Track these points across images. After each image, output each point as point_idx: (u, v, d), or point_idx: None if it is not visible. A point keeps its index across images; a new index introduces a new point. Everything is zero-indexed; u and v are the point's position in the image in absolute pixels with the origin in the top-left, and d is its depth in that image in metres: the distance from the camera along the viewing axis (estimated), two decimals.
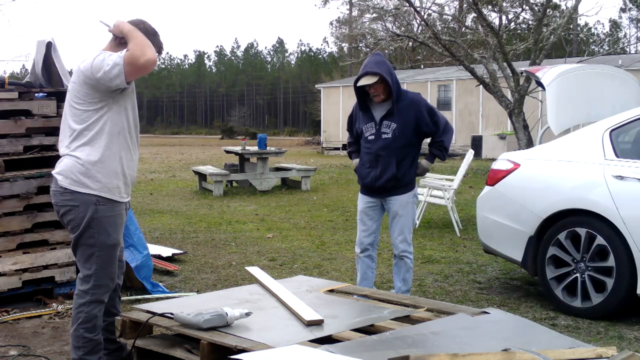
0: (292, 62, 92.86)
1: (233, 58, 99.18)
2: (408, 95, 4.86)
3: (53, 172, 3.53)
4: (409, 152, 4.85)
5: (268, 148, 13.22)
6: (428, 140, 5.05)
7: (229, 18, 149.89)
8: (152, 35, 3.51)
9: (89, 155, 3.41)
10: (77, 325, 3.50)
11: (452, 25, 21.82)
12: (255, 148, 13.16)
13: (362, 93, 4.86)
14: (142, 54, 3.26)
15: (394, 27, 21.52)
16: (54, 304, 4.95)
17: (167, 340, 3.74)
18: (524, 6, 16.57)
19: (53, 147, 5.26)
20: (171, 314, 3.61)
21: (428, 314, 3.74)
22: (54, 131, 5.30)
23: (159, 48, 3.57)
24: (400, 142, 4.79)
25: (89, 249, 3.47)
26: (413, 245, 7.51)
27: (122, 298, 5.17)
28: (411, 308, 3.90)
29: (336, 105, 30.82)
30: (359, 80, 4.71)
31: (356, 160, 5.07)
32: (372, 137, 4.85)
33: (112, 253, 3.52)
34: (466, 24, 19.07)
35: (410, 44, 17.06)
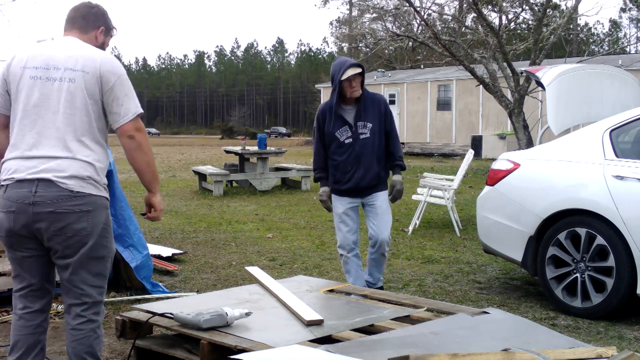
0: (292, 62, 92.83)
1: (233, 58, 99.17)
2: (374, 95, 5.01)
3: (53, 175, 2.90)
4: (383, 149, 4.96)
5: (268, 148, 13.22)
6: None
7: (229, 18, 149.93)
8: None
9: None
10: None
11: (452, 25, 21.79)
12: (255, 148, 13.17)
13: (338, 93, 4.88)
14: None
15: (394, 27, 21.54)
16: (53, 304, 4.95)
17: (167, 340, 3.74)
18: (524, 6, 16.59)
19: None
20: (171, 314, 3.61)
21: (428, 314, 3.75)
22: None
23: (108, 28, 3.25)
24: (378, 140, 4.90)
25: (101, 263, 2.98)
26: (413, 246, 7.55)
27: (122, 298, 5.20)
28: (411, 308, 3.91)
29: None
30: (346, 72, 4.74)
31: (325, 189, 5.00)
32: (350, 140, 4.85)
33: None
34: (466, 24, 19.06)
35: (410, 44, 17.07)
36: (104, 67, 2.97)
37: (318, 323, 3.52)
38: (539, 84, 5.98)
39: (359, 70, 4.76)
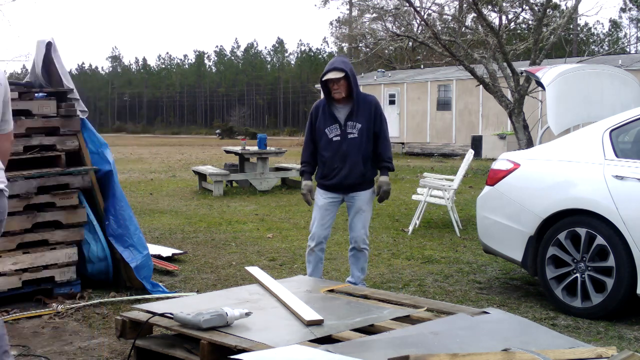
0: (292, 62, 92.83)
1: (233, 58, 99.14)
2: (366, 97, 5.12)
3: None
4: (371, 150, 5.07)
5: (268, 148, 13.21)
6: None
7: (229, 18, 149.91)
8: None
9: None
10: None
11: (452, 25, 21.83)
12: (255, 148, 13.16)
13: (325, 91, 5.02)
14: None
15: (394, 27, 21.53)
16: (53, 304, 4.95)
17: (167, 340, 3.74)
18: (524, 6, 16.60)
19: (53, 147, 5.26)
20: (171, 314, 3.62)
21: (428, 314, 3.75)
22: (54, 131, 5.30)
23: None
24: (366, 141, 5.02)
25: None
26: (413, 246, 7.56)
27: (122, 298, 5.20)
28: (411, 308, 3.91)
29: None
30: (325, 75, 4.88)
31: (307, 183, 5.16)
32: (338, 138, 5.00)
33: None
34: (466, 24, 19.07)
35: (410, 44, 17.08)
36: (4, 78, 3.17)
37: (318, 323, 3.52)
38: (539, 84, 5.98)
39: (338, 75, 4.85)
